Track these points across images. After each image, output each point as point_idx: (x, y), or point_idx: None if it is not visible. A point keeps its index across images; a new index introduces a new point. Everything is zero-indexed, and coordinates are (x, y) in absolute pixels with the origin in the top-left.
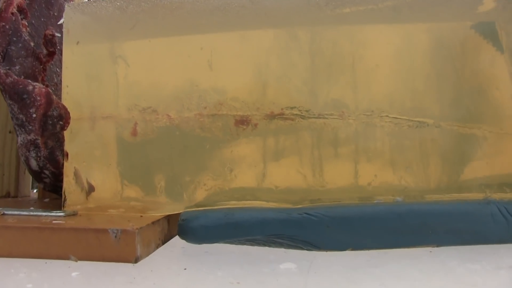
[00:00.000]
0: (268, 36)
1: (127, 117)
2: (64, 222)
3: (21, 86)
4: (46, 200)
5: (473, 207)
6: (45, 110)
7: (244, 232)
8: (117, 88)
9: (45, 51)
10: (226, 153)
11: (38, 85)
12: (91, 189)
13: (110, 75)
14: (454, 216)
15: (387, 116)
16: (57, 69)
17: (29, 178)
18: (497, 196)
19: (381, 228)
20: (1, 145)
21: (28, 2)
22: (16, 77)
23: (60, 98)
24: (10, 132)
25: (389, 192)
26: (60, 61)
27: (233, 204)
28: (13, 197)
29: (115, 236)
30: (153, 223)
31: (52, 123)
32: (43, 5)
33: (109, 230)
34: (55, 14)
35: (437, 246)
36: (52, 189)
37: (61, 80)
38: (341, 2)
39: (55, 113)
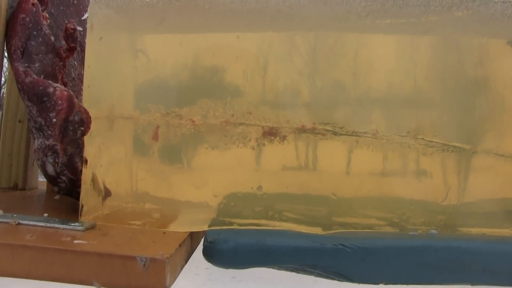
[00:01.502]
0: (307, 42)
1: (148, 120)
2: (86, 243)
3: (41, 88)
4: (57, 197)
5: None
6: (66, 115)
7: (276, 260)
8: (138, 86)
9: (65, 46)
10: (253, 165)
11: (59, 87)
12: (107, 193)
13: (129, 71)
14: (492, 255)
15: (422, 138)
16: (75, 62)
17: (37, 169)
18: None
19: (417, 263)
20: (10, 135)
21: None
22: (35, 76)
23: (78, 94)
24: (20, 121)
25: (423, 222)
26: (78, 53)
27: (260, 222)
28: (21, 189)
29: (144, 265)
30: (180, 245)
31: (73, 129)
32: None
33: (137, 258)
34: (75, 2)
35: (471, 285)
36: (67, 193)
37: (78, 75)
38: (382, 13)
39: (76, 118)
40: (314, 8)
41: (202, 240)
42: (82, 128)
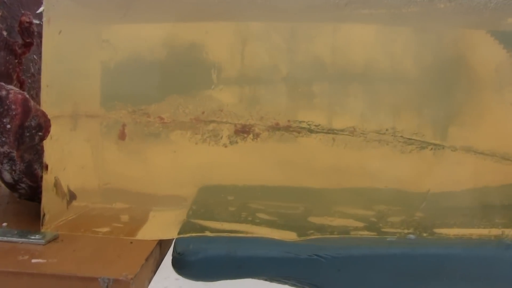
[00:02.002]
0: (281, 33)
1: (114, 117)
2: (45, 261)
3: None
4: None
5: (491, 252)
6: (22, 121)
7: (249, 272)
8: (103, 81)
9: (20, 41)
10: (223, 163)
11: (13, 89)
12: (72, 197)
13: (94, 65)
14: (470, 262)
15: (401, 136)
16: (34, 56)
17: None
18: None
19: (394, 272)
20: None
21: None
22: None
23: (38, 91)
24: None
25: (401, 225)
26: (38, 45)
27: (233, 227)
28: None
29: (106, 286)
30: (147, 259)
31: (29, 135)
32: None
33: (99, 280)
34: None
35: None
36: (28, 199)
37: (39, 69)
38: (361, 3)
39: (33, 123)
40: None
41: (172, 247)
42: (40, 134)
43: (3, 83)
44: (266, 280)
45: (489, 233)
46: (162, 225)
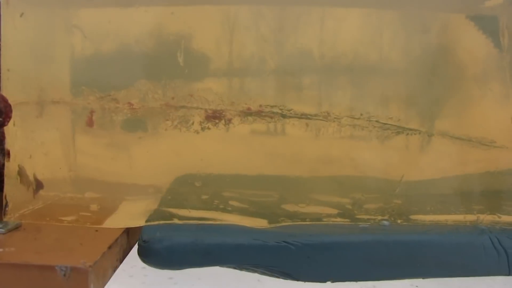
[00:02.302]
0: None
1: (82, 104)
2: (2, 250)
3: None
4: None
5: (465, 238)
6: None
7: (216, 260)
8: (71, 67)
9: None
10: (197, 152)
11: None
12: (39, 186)
13: (62, 50)
14: (445, 249)
15: (376, 121)
16: None
17: None
18: (488, 220)
19: (366, 259)
20: None
21: None
22: None
23: None
24: None
25: (376, 212)
26: None
27: (203, 214)
28: None
29: (64, 275)
30: (109, 247)
31: None
32: None
33: (56, 268)
34: None
35: (423, 279)
36: None
37: None
38: None
39: None
40: None
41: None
42: (0, 119)
43: None
44: (235, 268)
45: (464, 219)
46: (131, 214)
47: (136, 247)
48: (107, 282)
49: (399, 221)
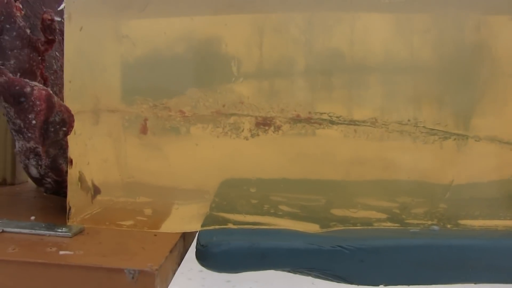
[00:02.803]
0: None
1: (135, 112)
2: (72, 253)
3: (17, 88)
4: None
5: None
6: (46, 116)
7: (271, 264)
8: (122, 76)
9: (43, 38)
10: (247, 157)
11: (37, 85)
12: (96, 191)
13: (115, 59)
14: (495, 252)
15: (423, 126)
16: (56, 53)
17: None
18: None
19: (418, 262)
20: None
21: None
22: (11, 75)
23: (61, 87)
24: (4, 114)
25: (424, 216)
26: (60, 43)
27: (256, 219)
28: (10, 184)
29: (132, 277)
30: (171, 251)
31: (54, 130)
32: None
33: (125, 271)
34: None
35: (475, 284)
36: (54, 193)
37: (61, 66)
38: None
39: (57, 119)
40: None
41: (195, 240)
42: (64, 129)
43: (27, 80)
44: (289, 271)
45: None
46: (185, 218)
47: (192, 250)
48: (169, 284)
49: (448, 226)
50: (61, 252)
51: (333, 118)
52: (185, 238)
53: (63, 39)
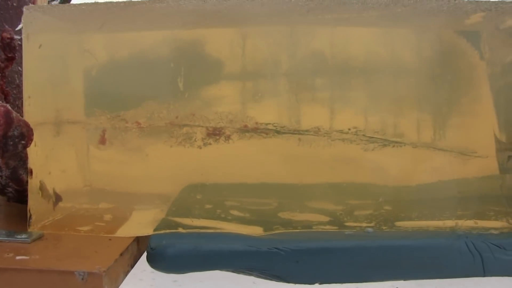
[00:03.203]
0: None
1: (94, 124)
2: (28, 258)
3: None
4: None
5: (442, 242)
6: (5, 131)
7: (214, 265)
8: (84, 89)
9: (3, 56)
10: (201, 163)
11: None
12: (58, 199)
13: (76, 73)
14: (423, 252)
15: (363, 135)
16: (19, 67)
17: None
18: (466, 226)
19: (350, 263)
20: None
21: None
22: None
23: (22, 103)
24: None
25: (365, 219)
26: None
27: (204, 223)
28: None
29: (82, 279)
30: (121, 254)
31: (13, 144)
32: None
33: (75, 273)
34: (14, 4)
35: (404, 280)
36: (17, 201)
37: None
38: (322, 10)
39: (16, 133)
40: (251, 7)
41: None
42: (23, 142)
43: None
44: (232, 271)
45: (444, 225)
46: (142, 223)
47: (145, 253)
48: (119, 285)
49: (384, 228)
50: (18, 257)
51: (278, 128)
52: (140, 242)
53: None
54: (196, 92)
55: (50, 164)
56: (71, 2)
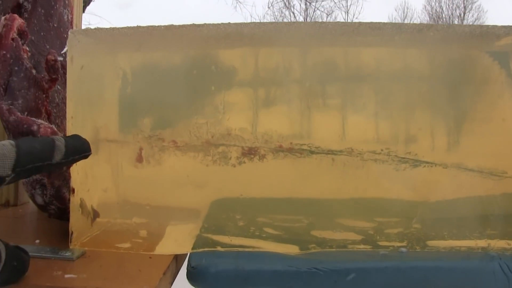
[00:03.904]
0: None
1: (132, 142)
2: (76, 277)
3: (25, 126)
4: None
5: (476, 264)
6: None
7: (254, 285)
8: (121, 109)
9: (47, 77)
10: (235, 180)
11: (43, 124)
12: (95, 215)
13: (113, 93)
14: (456, 273)
15: (395, 155)
16: (58, 86)
17: None
18: (498, 247)
19: (385, 284)
20: None
21: (27, 16)
22: (19, 114)
23: (63, 119)
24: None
25: (396, 237)
26: (61, 77)
27: (242, 242)
28: (13, 205)
29: None
30: (164, 273)
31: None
32: (43, 18)
33: None
34: (55, 25)
35: None
36: (57, 218)
37: (63, 99)
38: (355, 34)
39: None
40: (297, 30)
41: (186, 261)
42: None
43: (34, 118)
44: None
45: (476, 245)
46: (177, 241)
47: (183, 271)
48: None
49: (416, 248)
50: (66, 276)
51: (312, 149)
52: (177, 259)
53: (64, 72)
54: (233, 114)
55: (89, 182)
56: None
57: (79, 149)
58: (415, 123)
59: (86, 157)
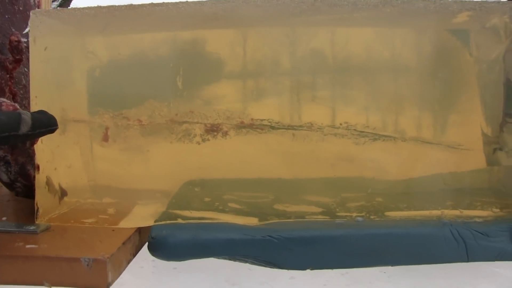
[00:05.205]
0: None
1: (98, 122)
2: (37, 246)
3: None
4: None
5: (428, 230)
6: None
7: (211, 253)
8: (88, 89)
9: (11, 58)
10: (200, 158)
11: (5, 101)
12: (63, 193)
13: (80, 74)
14: (411, 240)
15: (354, 129)
16: (25, 68)
17: None
18: (451, 215)
19: (340, 250)
20: None
21: None
22: None
23: (29, 101)
24: None
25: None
26: (28, 59)
27: (202, 215)
28: None
29: (87, 265)
30: (124, 243)
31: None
32: (7, 1)
33: (81, 259)
34: (20, 8)
35: (391, 266)
36: (25, 196)
37: (29, 82)
38: (313, 12)
39: None
40: (246, 9)
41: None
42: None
43: None
44: (228, 259)
45: (431, 214)
46: (142, 216)
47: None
48: (122, 272)
49: (373, 217)
50: (27, 246)
51: (273, 124)
52: (142, 233)
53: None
54: (195, 91)
55: (56, 160)
56: (72, 5)
57: (46, 123)
58: (373, 99)
59: (52, 131)
